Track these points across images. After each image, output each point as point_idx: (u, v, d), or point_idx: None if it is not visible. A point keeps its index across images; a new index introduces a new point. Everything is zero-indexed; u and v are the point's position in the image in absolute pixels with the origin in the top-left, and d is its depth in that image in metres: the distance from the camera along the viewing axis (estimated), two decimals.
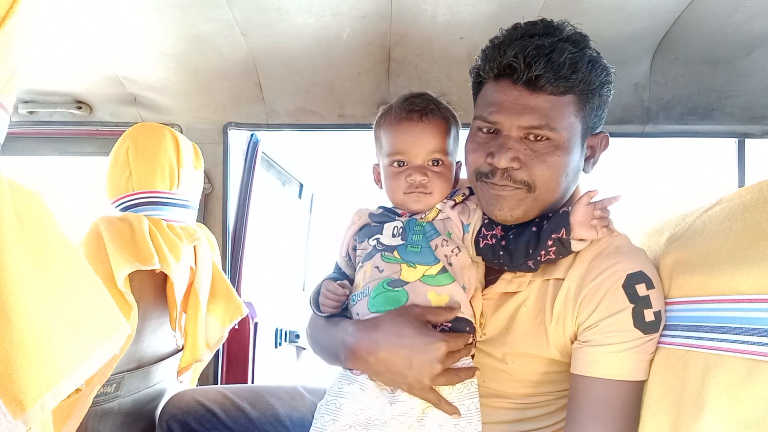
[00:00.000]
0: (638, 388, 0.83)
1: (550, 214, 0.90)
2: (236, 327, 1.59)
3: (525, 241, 0.89)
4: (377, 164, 1.08)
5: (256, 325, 1.89)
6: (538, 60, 0.85)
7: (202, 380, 1.70)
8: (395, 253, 0.94)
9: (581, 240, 0.87)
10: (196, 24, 1.35)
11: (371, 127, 1.71)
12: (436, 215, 0.98)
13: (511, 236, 0.92)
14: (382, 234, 0.98)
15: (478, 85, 0.99)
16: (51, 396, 0.50)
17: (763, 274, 0.66)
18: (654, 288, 0.83)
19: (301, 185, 2.88)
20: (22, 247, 0.50)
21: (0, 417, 0.46)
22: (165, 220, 1.31)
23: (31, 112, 1.69)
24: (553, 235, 0.87)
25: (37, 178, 1.93)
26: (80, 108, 1.68)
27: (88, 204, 1.73)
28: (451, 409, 0.85)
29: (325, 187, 3.24)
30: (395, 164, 0.99)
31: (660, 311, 0.83)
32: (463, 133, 1.04)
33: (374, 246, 0.97)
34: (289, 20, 1.34)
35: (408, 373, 0.84)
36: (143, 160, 1.31)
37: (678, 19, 1.37)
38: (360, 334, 0.88)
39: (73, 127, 1.74)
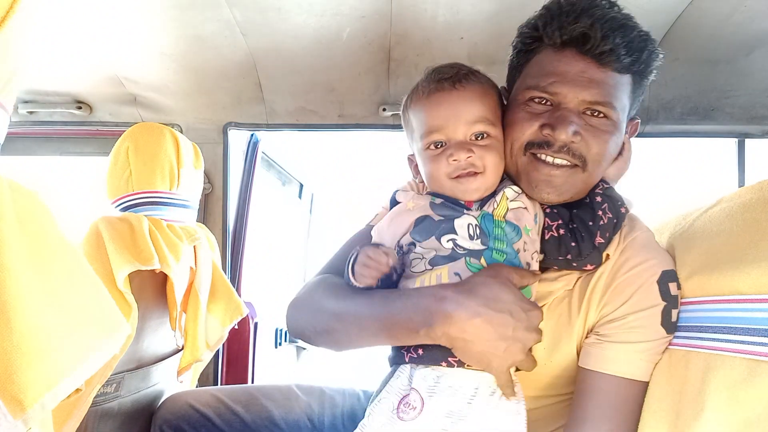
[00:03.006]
0: (645, 389, 0.82)
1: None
2: (236, 327, 1.59)
3: (584, 217, 0.85)
4: (412, 155, 0.95)
5: (256, 325, 1.89)
6: (614, 33, 0.81)
7: (202, 380, 1.70)
8: (482, 260, 0.80)
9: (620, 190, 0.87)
10: (196, 24, 1.35)
11: (371, 127, 1.73)
12: (507, 206, 0.85)
13: (573, 225, 0.85)
14: (456, 234, 0.81)
15: (526, 53, 0.91)
16: (51, 396, 0.50)
17: (764, 274, 0.66)
18: (680, 289, 0.82)
19: (301, 185, 2.88)
20: (22, 247, 0.50)
21: (0, 417, 0.46)
22: (165, 220, 1.31)
23: (31, 112, 1.69)
24: (597, 190, 0.86)
25: (37, 178, 1.93)
26: (80, 108, 1.68)
27: (88, 204, 1.73)
28: (511, 393, 0.77)
29: (325, 187, 3.24)
30: (432, 146, 0.85)
31: (679, 313, 0.82)
32: None
33: (453, 249, 0.81)
34: (289, 20, 1.34)
35: (501, 344, 0.73)
36: (143, 160, 1.31)
37: (678, 19, 1.37)
38: (459, 298, 0.74)
39: (73, 127, 1.74)
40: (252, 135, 1.92)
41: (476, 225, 0.82)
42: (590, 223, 0.84)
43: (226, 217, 1.78)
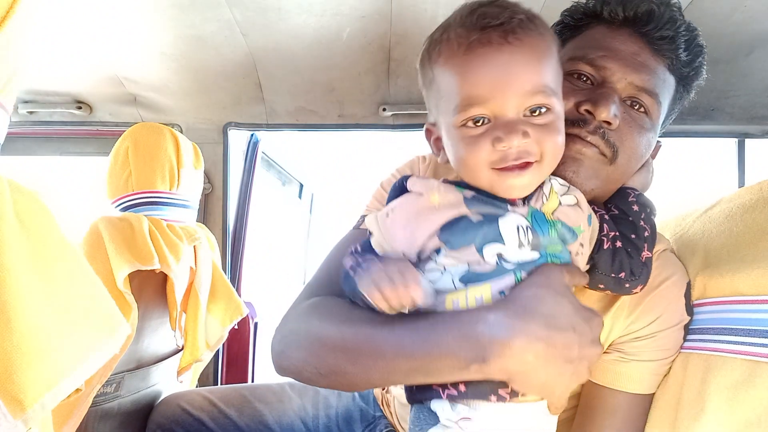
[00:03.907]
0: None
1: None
2: (236, 327, 1.59)
3: (623, 229, 0.74)
4: (432, 124, 0.73)
5: (256, 325, 1.89)
6: (679, 22, 0.76)
7: (202, 380, 1.70)
8: None
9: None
10: (196, 24, 1.35)
11: (371, 127, 1.73)
12: (559, 200, 0.68)
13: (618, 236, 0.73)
14: (503, 242, 0.63)
15: (573, 29, 0.84)
16: (51, 396, 0.50)
17: (764, 274, 0.66)
18: None
19: (301, 185, 2.88)
20: (22, 247, 0.50)
21: (0, 417, 0.46)
22: (165, 220, 1.31)
23: (31, 112, 1.69)
24: (630, 199, 0.77)
25: (37, 178, 1.93)
26: (80, 108, 1.68)
27: (88, 204, 1.73)
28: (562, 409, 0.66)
29: (325, 187, 3.24)
30: (470, 123, 0.63)
31: None
32: None
33: (498, 264, 0.63)
34: (289, 20, 1.34)
35: (567, 367, 0.60)
36: (143, 160, 1.31)
37: None
38: (514, 323, 0.59)
39: (73, 127, 1.74)
40: (252, 135, 1.92)
41: (527, 227, 0.64)
42: (633, 236, 0.73)
43: (226, 217, 1.78)
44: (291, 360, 0.74)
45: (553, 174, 0.72)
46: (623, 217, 0.77)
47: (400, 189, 0.73)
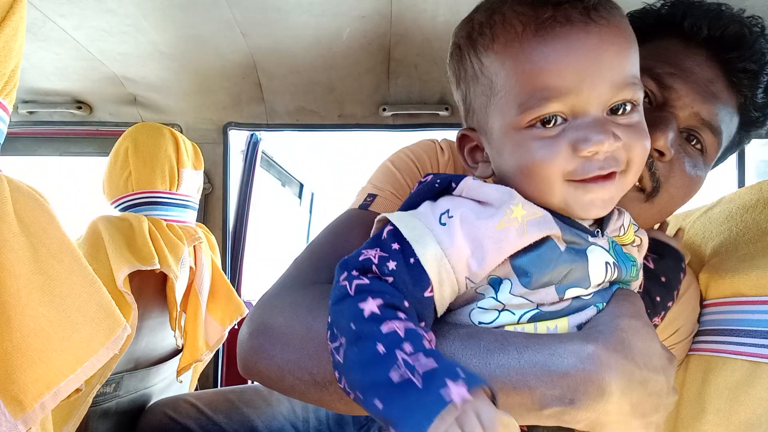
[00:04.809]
0: None
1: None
2: (236, 327, 1.59)
3: (663, 271, 0.67)
4: (471, 129, 0.58)
5: None
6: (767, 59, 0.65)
7: (202, 380, 1.70)
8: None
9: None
10: (196, 24, 1.35)
11: (371, 127, 1.73)
12: (633, 235, 0.59)
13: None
14: (589, 284, 0.52)
15: (642, 35, 0.62)
16: (51, 396, 0.50)
17: (764, 275, 0.66)
18: None
19: (301, 185, 2.88)
20: (22, 247, 0.50)
21: (0, 417, 0.46)
22: (165, 220, 1.31)
23: (31, 112, 1.69)
24: (665, 243, 0.70)
25: (37, 178, 1.93)
26: (80, 108, 1.68)
27: (88, 204, 1.73)
28: None
29: (325, 187, 3.24)
30: (539, 124, 0.50)
31: None
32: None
33: (572, 300, 0.52)
34: (289, 20, 1.34)
35: (653, 418, 0.49)
36: (143, 160, 1.31)
37: None
38: (615, 359, 0.46)
39: (73, 127, 1.74)
40: (252, 135, 1.92)
41: (614, 263, 0.53)
42: (662, 279, 0.67)
43: (226, 217, 1.78)
44: (273, 360, 0.57)
45: (575, 215, 0.56)
46: (656, 258, 0.69)
47: (438, 183, 0.54)
